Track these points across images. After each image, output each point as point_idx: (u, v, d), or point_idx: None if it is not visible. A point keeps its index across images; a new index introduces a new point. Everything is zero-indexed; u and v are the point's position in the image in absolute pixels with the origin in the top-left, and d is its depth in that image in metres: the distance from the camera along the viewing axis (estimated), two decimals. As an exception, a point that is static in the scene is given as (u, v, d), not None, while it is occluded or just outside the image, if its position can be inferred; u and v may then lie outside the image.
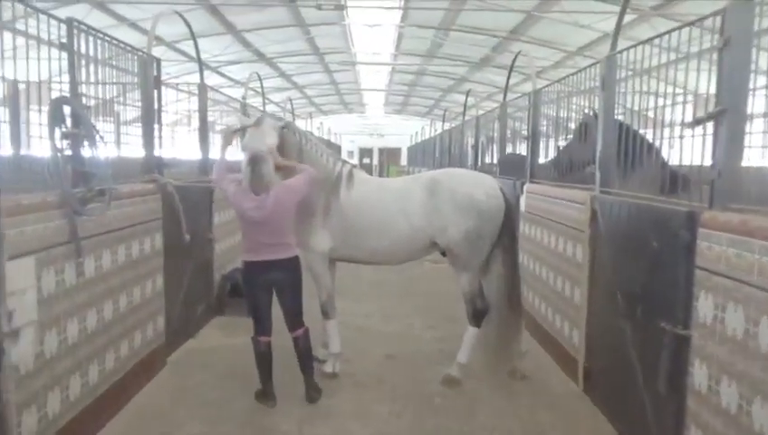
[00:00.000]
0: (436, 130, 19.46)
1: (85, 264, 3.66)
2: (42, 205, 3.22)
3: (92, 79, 3.97)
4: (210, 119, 7.19)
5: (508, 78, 8.68)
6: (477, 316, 4.70)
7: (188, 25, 6.43)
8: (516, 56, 8.15)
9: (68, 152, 3.52)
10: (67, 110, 3.51)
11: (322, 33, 16.79)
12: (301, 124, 19.65)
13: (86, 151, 3.60)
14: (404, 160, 35.46)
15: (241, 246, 4.25)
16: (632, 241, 3.78)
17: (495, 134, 8.84)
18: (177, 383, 4.72)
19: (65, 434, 3.44)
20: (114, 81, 4.30)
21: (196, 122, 6.85)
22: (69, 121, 3.53)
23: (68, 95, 3.62)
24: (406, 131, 32.90)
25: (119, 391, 4.14)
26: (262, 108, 10.95)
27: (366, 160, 39.41)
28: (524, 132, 7.05)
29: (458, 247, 4.54)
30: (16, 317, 2.97)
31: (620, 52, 4.29)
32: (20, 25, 3.24)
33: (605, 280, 4.21)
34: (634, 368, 3.66)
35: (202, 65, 7.11)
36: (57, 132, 3.39)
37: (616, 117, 4.41)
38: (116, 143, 4.40)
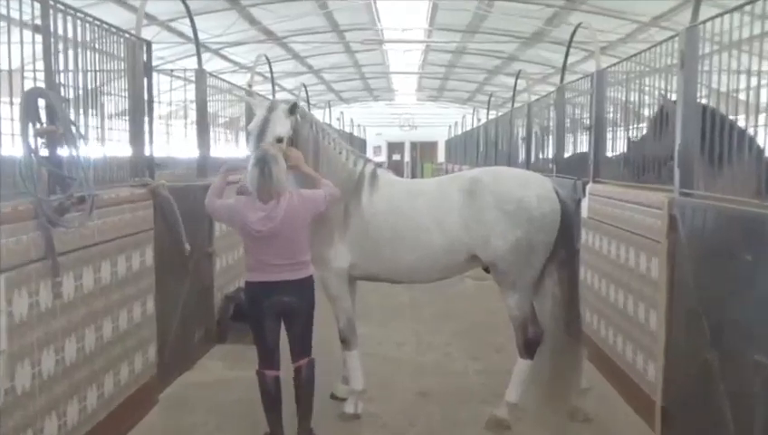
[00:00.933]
0: (479, 120, 19.39)
1: (63, 284, 3.72)
2: (12, 215, 3.28)
3: (72, 66, 4.04)
4: (211, 110, 7.26)
5: (566, 56, 8.59)
6: (529, 346, 4.65)
7: (184, 1, 6.53)
8: (576, 29, 8.07)
9: (43, 153, 3.58)
10: (42, 103, 3.57)
11: (342, 7, 16.86)
12: (317, 115, 19.75)
13: (64, 151, 3.66)
14: (441, 156, 35.38)
15: (245, 263, 4.27)
16: (721, 254, 3.70)
17: (551, 124, 8.79)
18: (170, 424, 4.75)
19: (40, 484, 3.49)
20: (97, 68, 4.36)
21: (194, 114, 6.94)
22: (44, 116, 3.59)
23: (43, 86, 3.68)
24: (443, 122, 32.77)
25: (102, 434, 4.18)
26: (271, 96, 11.05)
27: (396, 157, 39.45)
28: (586, 121, 6.97)
29: (505, 262, 4.51)
30: (-17, 347, 3.02)
31: (704, 22, 4.21)
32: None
33: (687, 302, 4.13)
34: (723, 410, 3.57)
35: (200, 47, 7.20)
36: (30, 129, 3.45)
37: (699, 101, 4.33)
38: (100, 141, 4.46)
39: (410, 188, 4.80)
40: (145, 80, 5.00)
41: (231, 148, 8.36)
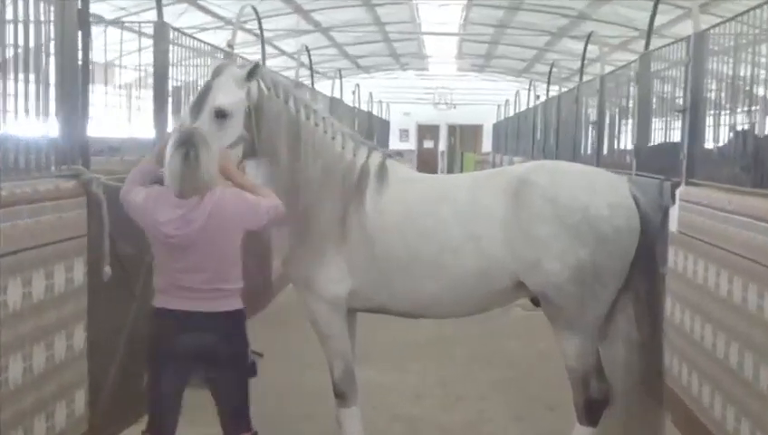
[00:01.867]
0: (538, 98, 19.28)
1: (-49, 309, 3.63)
2: None
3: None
4: (184, 78, 7.20)
5: (653, 14, 8.47)
6: (592, 408, 4.55)
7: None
8: (667, -22, 7.92)
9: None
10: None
11: (360, -55, 16.90)
12: (325, 87, 19.74)
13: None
14: (487, 144, 35.39)
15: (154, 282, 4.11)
16: None
17: (632, 104, 8.71)
18: (101, 501, 4.66)
19: None
20: (9, 16, 4.30)
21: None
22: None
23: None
24: (491, 99, 32.93)
25: None
26: (261, 60, 10.93)
27: (428, 144, 39.59)
28: (680, 102, 6.86)
29: (561, 293, 4.39)
30: None
31: None
32: None
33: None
34: None
35: (160, -8, 7.12)
36: None
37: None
38: (10, 115, 4.39)
39: (433, 188, 4.71)
40: (79, 34, 4.89)
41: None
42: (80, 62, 4.95)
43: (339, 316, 4.66)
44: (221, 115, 4.22)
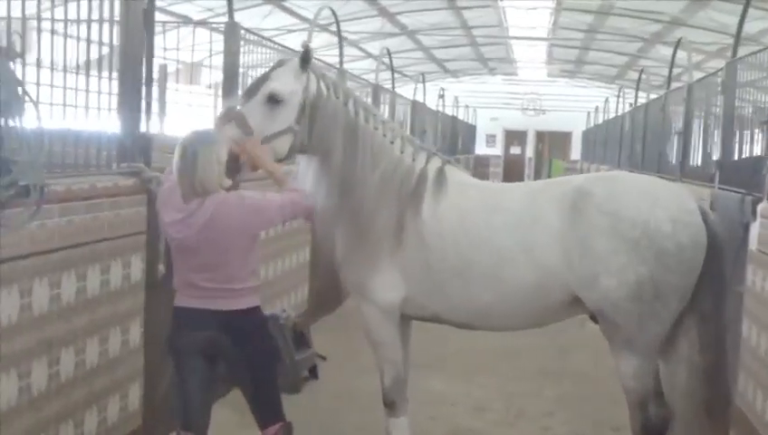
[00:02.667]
0: (630, 105, 18.90)
1: (2, 303, 3.65)
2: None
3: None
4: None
5: (742, 19, 8.19)
6: (649, 433, 4.36)
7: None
8: (758, -18, 7.63)
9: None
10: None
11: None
12: (409, 91, 19.73)
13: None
14: (576, 152, 34.90)
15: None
16: None
17: (719, 113, 8.45)
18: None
19: None
20: (74, 16, 4.41)
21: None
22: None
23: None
24: (581, 106, 32.46)
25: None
26: (339, 63, 10.94)
27: (514, 150, 39.29)
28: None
29: (618, 311, 4.24)
30: None
31: None
32: None
33: None
34: None
35: (233, -6, 7.20)
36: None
37: None
38: (70, 111, 4.44)
39: (491, 196, 4.61)
40: (144, 33, 4.97)
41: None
42: (144, 60, 5.03)
43: (391, 323, 4.61)
44: (273, 100, 4.25)
